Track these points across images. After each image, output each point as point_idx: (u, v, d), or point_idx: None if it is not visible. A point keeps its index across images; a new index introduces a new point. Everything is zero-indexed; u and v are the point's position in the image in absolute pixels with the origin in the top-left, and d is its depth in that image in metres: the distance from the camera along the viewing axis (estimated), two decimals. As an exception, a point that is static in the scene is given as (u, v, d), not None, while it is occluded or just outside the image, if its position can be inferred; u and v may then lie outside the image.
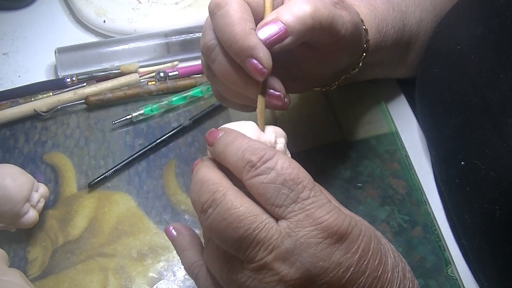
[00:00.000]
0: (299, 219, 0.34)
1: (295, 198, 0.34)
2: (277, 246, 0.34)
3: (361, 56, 0.50)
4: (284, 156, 0.36)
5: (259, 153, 0.35)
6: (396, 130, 0.58)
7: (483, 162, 0.44)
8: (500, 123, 0.43)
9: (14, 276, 0.45)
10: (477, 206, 0.45)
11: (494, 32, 0.46)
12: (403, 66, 0.58)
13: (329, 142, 0.57)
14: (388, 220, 0.52)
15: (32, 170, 0.55)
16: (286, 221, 0.34)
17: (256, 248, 0.34)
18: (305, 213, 0.34)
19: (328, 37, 0.42)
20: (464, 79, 0.47)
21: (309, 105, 0.59)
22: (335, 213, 0.34)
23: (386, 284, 0.36)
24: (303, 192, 0.34)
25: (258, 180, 0.35)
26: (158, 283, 0.49)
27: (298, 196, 0.34)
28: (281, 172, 0.35)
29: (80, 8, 0.67)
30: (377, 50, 0.51)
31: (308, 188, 0.35)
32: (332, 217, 0.34)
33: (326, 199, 0.35)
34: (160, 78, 0.62)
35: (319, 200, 0.35)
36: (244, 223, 0.34)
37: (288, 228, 0.34)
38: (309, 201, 0.34)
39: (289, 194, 0.34)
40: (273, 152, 0.35)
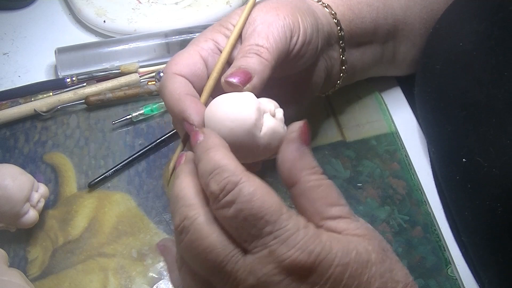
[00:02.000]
0: (262, 255, 0.33)
1: (257, 234, 0.33)
2: (243, 281, 0.33)
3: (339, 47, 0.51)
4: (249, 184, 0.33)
5: (222, 182, 0.33)
6: (396, 130, 0.58)
7: (485, 159, 0.43)
8: (504, 120, 0.43)
9: (14, 276, 0.45)
10: (478, 203, 0.44)
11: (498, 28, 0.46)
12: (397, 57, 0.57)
13: (329, 142, 0.57)
14: (388, 220, 0.52)
15: (32, 170, 0.55)
16: (251, 255, 0.33)
17: (224, 280, 0.34)
18: (268, 250, 0.33)
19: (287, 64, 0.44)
20: (467, 76, 0.47)
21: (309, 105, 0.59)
22: (300, 247, 0.33)
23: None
24: (266, 228, 0.33)
25: (221, 214, 0.34)
26: (158, 283, 0.49)
27: (261, 232, 0.33)
28: (242, 207, 0.33)
29: (80, 8, 0.67)
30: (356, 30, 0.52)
31: (271, 222, 0.33)
32: (296, 252, 0.32)
33: (294, 227, 0.33)
34: (160, 78, 0.62)
35: (284, 233, 0.33)
36: (211, 256, 0.33)
37: (251, 264, 0.33)
38: (271, 236, 0.33)
39: (251, 230, 0.33)
40: (236, 179, 0.33)
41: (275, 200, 0.33)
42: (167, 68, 0.43)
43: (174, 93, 0.41)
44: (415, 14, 0.55)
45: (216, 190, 0.33)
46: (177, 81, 0.42)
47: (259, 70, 0.41)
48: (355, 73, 0.55)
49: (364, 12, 0.52)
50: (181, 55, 0.44)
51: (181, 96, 0.41)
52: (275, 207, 0.33)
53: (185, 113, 0.40)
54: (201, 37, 0.45)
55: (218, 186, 0.33)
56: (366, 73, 0.58)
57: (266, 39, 0.42)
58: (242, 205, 0.33)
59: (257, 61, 0.41)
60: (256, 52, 0.42)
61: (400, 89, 0.61)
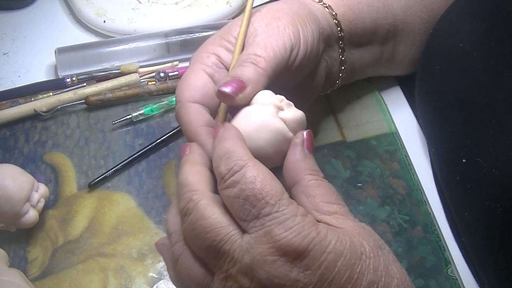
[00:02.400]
0: (258, 235, 0.34)
1: (256, 214, 0.34)
2: (239, 260, 0.34)
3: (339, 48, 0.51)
4: (254, 168, 0.35)
5: (230, 164, 0.36)
6: (396, 130, 0.58)
7: (485, 159, 0.44)
8: (504, 120, 0.43)
9: (14, 276, 0.45)
10: (478, 204, 0.44)
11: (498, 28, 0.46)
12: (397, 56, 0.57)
13: (329, 142, 0.57)
14: (388, 220, 0.52)
15: (32, 170, 0.55)
16: (248, 235, 0.35)
17: (222, 259, 0.35)
18: (264, 230, 0.34)
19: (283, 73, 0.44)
20: (467, 77, 0.47)
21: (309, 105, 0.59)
22: (295, 230, 0.34)
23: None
24: (265, 208, 0.34)
25: (225, 194, 0.36)
26: (158, 283, 0.49)
27: (260, 212, 0.34)
28: (244, 187, 0.35)
29: (80, 8, 0.67)
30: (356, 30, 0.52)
31: (270, 204, 0.34)
32: (291, 234, 0.34)
33: (291, 212, 0.34)
34: (160, 78, 0.62)
35: (281, 216, 0.34)
36: (211, 235, 0.35)
37: (248, 243, 0.34)
38: (269, 217, 0.34)
39: (251, 210, 0.34)
40: (243, 163, 0.35)
41: (277, 186, 0.35)
42: (179, 96, 0.44)
43: (190, 126, 0.42)
44: (415, 14, 0.55)
45: (224, 171, 0.36)
46: (192, 112, 0.43)
47: (254, 79, 0.41)
48: (355, 73, 0.55)
49: (364, 13, 0.52)
50: (189, 77, 0.44)
51: (197, 130, 0.42)
52: (275, 191, 0.35)
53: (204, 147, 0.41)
54: (203, 53, 0.45)
55: (227, 167, 0.36)
56: (366, 72, 0.58)
57: (264, 49, 0.42)
58: (245, 185, 0.35)
59: (253, 70, 0.41)
60: (252, 61, 0.42)
61: (400, 89, 0.61)
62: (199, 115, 0.43)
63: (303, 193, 0.38)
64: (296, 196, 0.38)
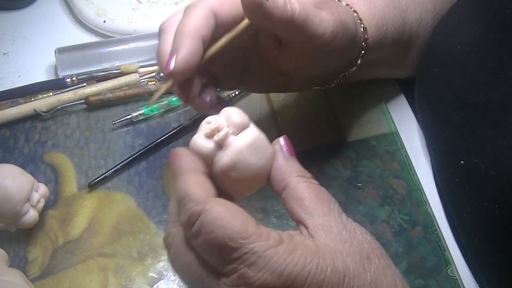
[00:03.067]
0: (234, 278, 0.33)
1: (226, 261, 0.33)
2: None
3: (360, 54, 0.49)
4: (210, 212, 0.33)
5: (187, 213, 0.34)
6: (396, 130, 0.58)
7: (483, 160, 0.44)
8: (501, 121, 0.43)
9: (14, 276, 0.45)
10: (476, 205, 0.45)
11: (495, 30, 0.46)
12: (404, 65, 0.57)
13: (329, 142, 0.57)
14: (388, 220, 0.52)
15: (32, 170, 0.55)
16: (225, 278, 0.34)
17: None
18: (238, 274, 0.33)
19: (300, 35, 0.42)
20: (465, 78, 0.47)
21: (309, 105, 0.59)
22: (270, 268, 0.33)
23: None
24: (233, 254, 0.33)
25: (193, 243, 0.35)
26: (158, 283, 0.49)
27: (228, 258, 0.33)
28: (207, 237, 0.33)
29: (80, 8, 0.67)
30: (377, 48, 0.51)
31: (236, 248, 0.33)
32: (266, 274, 0.33)
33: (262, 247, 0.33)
34: (160, 78, 0.62)
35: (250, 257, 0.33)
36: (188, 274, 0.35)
37: (225, 285, 0.34)
38: (239, 261, 0.33)
39: (220, 257, 0.33)
40: (198, 210, 0.34)
41: (238, 224, 0.33)
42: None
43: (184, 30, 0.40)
44: (426, 24, 0.55)
45: (184, 221, 0.35)
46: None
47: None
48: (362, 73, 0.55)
49: (389, 34, 0.51)
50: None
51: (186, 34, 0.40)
52: (238, 231, 0.33)
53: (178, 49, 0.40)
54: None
55: (185, 217, 0.35)
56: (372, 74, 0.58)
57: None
58: (206, 235, 0.33)
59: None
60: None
61: (400, 89, 0.61)
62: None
63: (292, 197, 0.37)
64: (286, 201, 0.37)
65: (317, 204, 0.36)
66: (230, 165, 0.36)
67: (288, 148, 0.39)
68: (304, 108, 0.59)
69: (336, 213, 0.37)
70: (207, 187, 0.36)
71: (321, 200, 0.37)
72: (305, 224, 0.36)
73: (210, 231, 0.33)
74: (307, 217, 0.36)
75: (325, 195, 0.37)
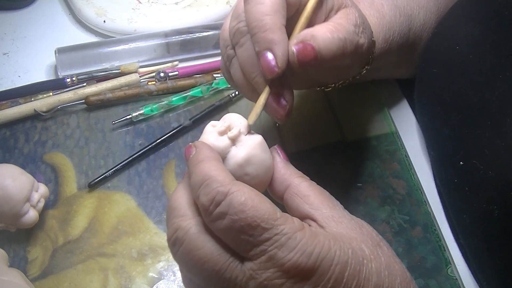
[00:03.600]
0: (262, 261, 0.33)
1: (255, 242, 0.33)
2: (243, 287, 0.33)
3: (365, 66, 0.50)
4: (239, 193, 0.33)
5: (211, 193, 0.33)
6: (396, 130, 0.58)
7: (481, 162, 0.44)
8: (499, 122, 0.43)
9: (14, 276, 0.45)
10: (475, 206, 0.45)
11: (493, 32, 0.46)
12: (407, 66, 0.58)
13: (329, 142, 0.57)
14: (388, 220, 0.52)
15: (32, 170, 0.55)
16: (250, 262, 0.33)
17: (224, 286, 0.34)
18: (267, 255, 0.33)
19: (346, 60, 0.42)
20: (463, 79, 0.47)
21: (309, 105, 0.59)
22: (300, 249, 0.33)
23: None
24: (262, 235, 0.33)
25: (215, 227, 0.34)
26: (158, 283, 0.49)
27: (258, 239, 0.33)
28: (235, 217, 0.33)
29: (80, 8, 0.67)
30: (382, 56, 0.51)
31: (267, 229, 0.33)
32: (296, 255, 0.33)
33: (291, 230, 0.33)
34: (160, 78, 0.62)
35: (281, 237, 0.33)
36: (208, 265, 0.33)
37: (251, 269, 0.33)
38: (269, 242, 0.33)
39: (248, 239, 0.33)
40: (225, 189, 0.33)
41: (268, 206, 0.34)
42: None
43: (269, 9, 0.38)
44: (430, 27, 0.55)
45: (206, 202, 0.34)
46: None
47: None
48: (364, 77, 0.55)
49: (394, 42, 0.52)
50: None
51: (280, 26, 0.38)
52: (269, 213, 0.33)
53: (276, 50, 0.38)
54: None
55: (208, 197, 0.33)
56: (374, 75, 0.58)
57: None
58: (235, 216, 0.33)
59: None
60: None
61: (400, 89, 0.61)
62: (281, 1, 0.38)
63: (296, 194, 0.37)
64: (289, 199, 0.37)
65: (322, 200, 0.37)
66: (247, 159, 0.37)
67: (283, 154, 0.40)
68: (304, 108, 0.59)
69: (340, 208, 0.38)
70: (229, 174, 0.35)
71: (324, 197, 0.38)
72: (313, 217, 0.36)
73: (240, 210, 0.33)
74: (314, 211, 0.36)
75: (326, 193, 0.38)
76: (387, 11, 0.51)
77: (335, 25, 0.40)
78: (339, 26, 0.40)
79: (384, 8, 0.51)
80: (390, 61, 0.55)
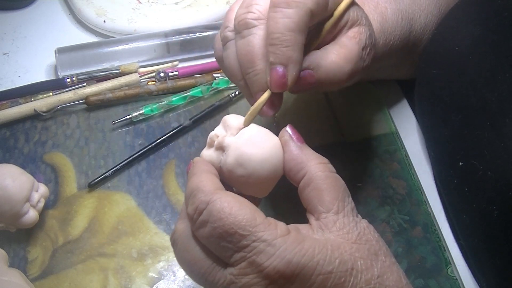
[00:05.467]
0: (241, 267, 0.34)
1: (234, 249, 0.34)
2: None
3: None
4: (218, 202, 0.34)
5: (195, 203, 0.35)
6: (396, 130, 0.58)
7: (481, 162, 0.44)
8: (498, 123, 0.43)
9: (14, 276, 0.45)
10: (475, 206, 0.45)
11: (493, 32, 0.46)
12: (406, 68, 0.58)
13: (329, 142, 0.57)
14: (388, 220, 0.52)
15: (32, 170, 0.55)
16: (232, 267, 0.34)
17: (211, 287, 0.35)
18: (247, 261, 0.33)
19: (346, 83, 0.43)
20: (463, 80, 0.47)
21: (309, 105, 0.59)
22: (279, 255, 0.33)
23: None
24: (241, 241, 0.33)
25: (199, 234, 0.35)
26: (158, 283, 0.49)
27: (237, 246, 0.33)
28: (215, 225, 0.34)
29: (80, 8, 0.67)
30: (382, 58, 0.51)
31: (245, 236, 0.33)
32: (275, 261, 0.33)
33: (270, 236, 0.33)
34: (160, 78, 0.62)
35: (260, 243, 0.33)
36: (195, 268, 0.35)
37: (232, 274, 0.34)
38: (248, 248, 0.33)
39: (227, 245, 0.34)
40: (207, 198, 0.34)
41: (247, 212, 0.34)
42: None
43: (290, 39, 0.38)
44: (431, 29, 0.55)
45: (191, 211, 0.35)
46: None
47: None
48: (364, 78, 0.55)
49: (395, 45, 0.52)
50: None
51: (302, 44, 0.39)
52: (246, 219, 0.34)
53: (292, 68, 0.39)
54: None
55: (193, 207, 0.35)
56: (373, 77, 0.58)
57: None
58: (214, 223, 0.34)
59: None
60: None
61: (400, 89, 0.61)
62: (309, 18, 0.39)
63: (310, 186, 0.37)
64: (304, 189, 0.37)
65: (334, 198, 0.36)
66: (234, 163, 0.37)
67: (297, 136, 0.39)
68: (304, 108, 0.59)
69: (349, 209, 0.37)
70: (217, 183, 0.36)
71: (338, 193, 0.37)
72: (319, 217, 0.36)
73: (218, 218, 0.34)
74: (322, 211, 0.36)
75: (342, 187, 0.37)
76: (390, 15, 0.51)
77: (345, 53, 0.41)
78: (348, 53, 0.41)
79: (388, 12, 0.51)
80: (390, 63, 0.55)
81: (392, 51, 0.52)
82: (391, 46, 0.51)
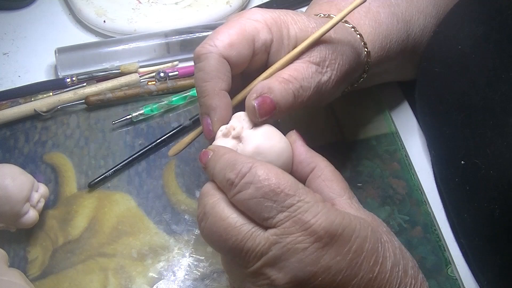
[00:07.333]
0: (286, 226, 0.35)
1: (279, 208, 0.35)
2: (265, 253, 0.35)
3: (361, 76, 0.50)
4: (262, 166, 0.36)
5: (236, 168, 0.36)
6: (396, 130, 0.58)
7: (483, 161, 0.44)
8: (501, 122, 0.43)
9: (14, 276, 0.45)
10: (476, 205, 0.45)
11: (496, 32, 0.46)
12: (408, 70, 0.57)
13: (329, 142, 0.57)
14: (388, 220, 0.52)
15: (32, 170, 0.55)
16: (274, 229, 0.35)
17: (246, 256, 0.35)
18: (292, 220, 0.34)
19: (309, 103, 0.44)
20: (465, 79, 0.47)
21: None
22: (323, 215, 0.35)
23: (384, 285, 0.36)
24: (286, 201, 0.35)
25: (240, 197, 0.36)
26: (158, 283, 0.49)
27: (282, 205, 0.35)
28: (260, 185, 0.35)
29: (80, 8, 0.67)
30: (380, 63, 0.51)
31: (290, 195, 0.35)
32: (320, 219, 0.34)
33: (312, 199, 0.35)
34: (160, 78, 0.62)
35: (304, 204, 0.35)
36: (231, 234, 0.36)
37: (275, 235, 0.35)
38: (293, 207, 0.35)
39: (272, 205, 0.35)
40: (249, 164, 0.36)
41: (290, 178, 0.36)
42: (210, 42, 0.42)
43: (209, 76, 0.41)
44: (430, 31, 0.55)
45: (232, 176, 0.36)
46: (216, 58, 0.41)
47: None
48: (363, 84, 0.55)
49: (392, 49, 0.52)
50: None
51: (219, 91, 0.41)
52: (291, 183, 0.35)
53: (213, 116, 0.41)
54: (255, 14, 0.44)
55: (234, 172, 0.36)
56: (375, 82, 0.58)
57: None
58: (259, 183, 0.35)
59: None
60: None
61: (401, 89, 0.61)
62: (221, 65, 0.41)
63: (320, 178, 0.39)
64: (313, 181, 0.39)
65: (344, 188, 0.40)
66: (254, 151, 0.39)
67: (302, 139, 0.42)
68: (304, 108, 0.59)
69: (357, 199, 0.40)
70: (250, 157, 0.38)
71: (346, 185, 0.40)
72: (334, 202, 0.39)
73: (264, 179, 0.35)
74: (335, 196, 0.39)
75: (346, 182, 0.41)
76: (383, 19, 0.51)
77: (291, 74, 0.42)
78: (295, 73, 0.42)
79: (381, 16, 0.51)
80: (391, 67, 0.55)
81: (391, 55, 0.52)
82: (388, 49, 0.51)
